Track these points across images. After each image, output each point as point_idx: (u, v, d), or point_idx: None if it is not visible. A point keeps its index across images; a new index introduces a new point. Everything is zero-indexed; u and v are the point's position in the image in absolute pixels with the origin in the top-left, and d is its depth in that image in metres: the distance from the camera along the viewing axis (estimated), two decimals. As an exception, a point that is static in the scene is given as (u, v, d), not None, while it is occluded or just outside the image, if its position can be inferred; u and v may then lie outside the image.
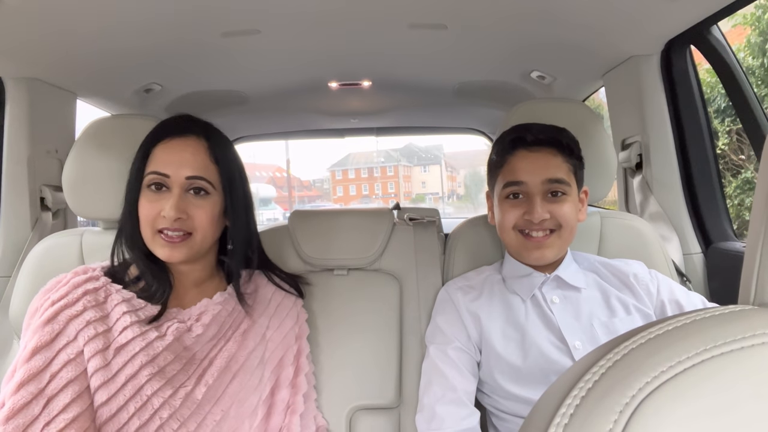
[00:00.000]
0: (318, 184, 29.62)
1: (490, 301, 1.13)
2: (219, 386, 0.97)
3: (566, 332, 1.06)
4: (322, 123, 2.99)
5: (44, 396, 0.84)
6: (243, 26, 1.46)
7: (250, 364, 1.03)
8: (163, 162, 0.99)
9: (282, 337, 1.11)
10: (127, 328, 0.93)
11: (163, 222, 0.96)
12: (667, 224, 1.54)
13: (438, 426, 1.03)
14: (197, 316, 1.02)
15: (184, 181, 0.98)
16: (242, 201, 1.06)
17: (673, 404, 0.31)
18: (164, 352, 0.94)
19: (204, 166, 1.00)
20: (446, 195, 26.15)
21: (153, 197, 0.98)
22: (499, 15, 1.43)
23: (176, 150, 1.00)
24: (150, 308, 0.98)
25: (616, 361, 0.34)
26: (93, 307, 0.93)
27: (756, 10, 3.71)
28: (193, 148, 1.00)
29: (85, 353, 0.89)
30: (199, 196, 1.00)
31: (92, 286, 0.96)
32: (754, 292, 0.40)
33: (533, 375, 1.05)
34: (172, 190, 0.98)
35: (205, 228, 1.00)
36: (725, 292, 1.41)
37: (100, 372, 0.88)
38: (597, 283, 1.13)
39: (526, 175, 1.07)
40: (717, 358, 0.33)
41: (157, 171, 0.98)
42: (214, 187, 1.01)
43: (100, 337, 0.90)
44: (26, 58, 1.43)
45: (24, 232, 1.51)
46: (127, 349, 0.91)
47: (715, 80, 1.64)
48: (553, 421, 0.32)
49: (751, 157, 3.86)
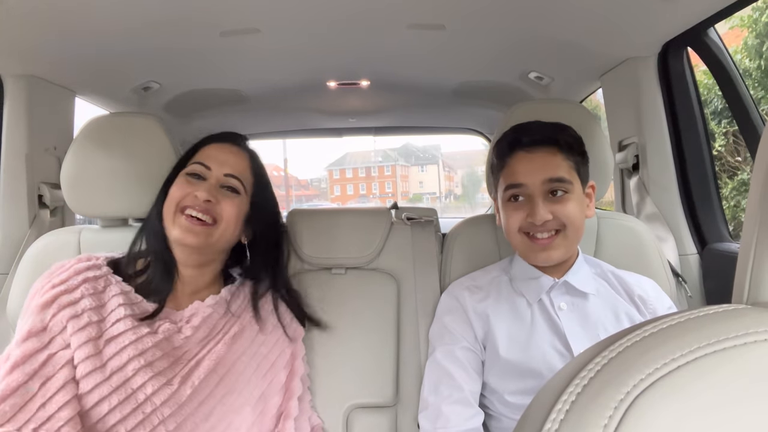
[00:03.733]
0: (315, 183, 29.58)
1: (498, 302, 1.13)
2: (204, 388, 0.97)
3: (572, 339, 1.05)
4: (320, 122, 2.99)
5: (41, 377, 0.86)
6: (242, 25, 1.46)
7: (239, 368, 1.03)
8: (208, 157, 1.08)
9: (275, 341, 1.12)
10: (120, 320, 0.94)
11: (192, 200, 1.02)
12: (663, 225, 1.55)
13: (444, 425, 1.03)
14: (188, 318, 1.03)
15: (222, 177, 1.07)
16: (270, 213, 1.17)
17: (667, 401, 0.31)
18: (153, 348, 0.94)
19: (243, 171, 1.10)
20: (443, 195, 26.14)
21: (187, 183, 1.05)
22: (497, 16, 1.43)
23: (223, 151, 1.10)
24: (146, 304, 1.00)
25: (611, 358, 0.35)
26: (91, 295, 0.95)
27: (753, 12, 3.72)
28: (237, 155, 1.11)
29: (72, 342, 0.90)
30: (230, 193, 1.07)
31: (93, 275, 0.98)
32: (748, 292, 0.40)
33: (532, 378, 1.05)
34: (208, 181, 1.05)
35: (230, 221, 1.05)
36: (720, 293, 1.42)
37: (89, 360, 0.89)
38: (606, 292, 1.11)
39: (525, 176, 1.05)
40: (710, 355, 0.33)
41: (201, 162, 1.07)
42: (245, 191, 1.09)
43: (93, 326, 0.92)
44: (25, 56, 1.43)
45: (22, 230, 1.51)
46: (117, 340, 0.92)
47: (712, 82, 1.65)
48: (549, 417, 0.33)
49: (747, 159, 3.88)
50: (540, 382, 1.04)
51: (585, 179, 1.10)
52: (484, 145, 3.23)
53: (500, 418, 1.10)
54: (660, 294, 1.12)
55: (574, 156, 1.06)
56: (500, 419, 1.10)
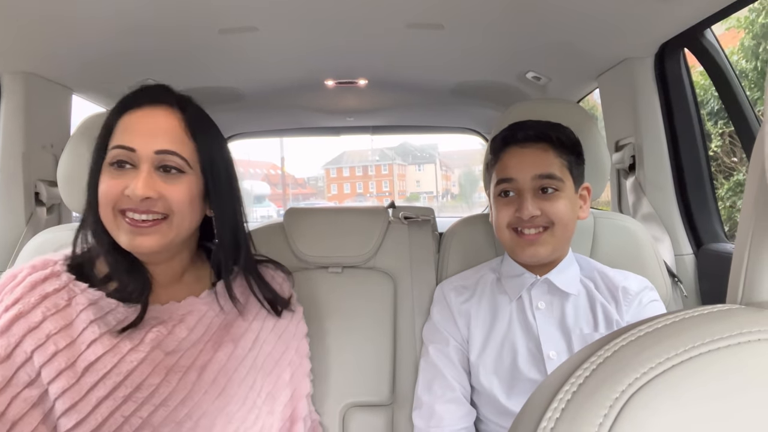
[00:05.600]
0: (312, 181, 29.53)
1: (479, 302, 1.13)
2: (204, 402, 0.85)
3: (544, 341, 1.05)
4: (317, 121, 2.99)
5: (6, 421, 0.72)
6: (241, 23, 1.46)
7: (241, 373, 0.91)
8: (128, 134, 0.82)
9: (277, 337, 1.01)
10: (96, 341, 0.78)
11: (127, 202, 0.80)
12: (659, 225, 1.55)
13: (437, 424, 1.04)
14: (181, 316, 0.88)
15: (153, 156, 0.82)
16: (227, 185, 0.91)
17: (662, 399, 0.32)
18: (141, 365, 0.80)
19: (178, 141, 0.84)
20: (440, 194, 26.14)
21: (115, 174, 0.82)
22: (495, 16, 1.44)
23: (144, 120, 0.84)
24: (122, 310, 0.83)
25: (606, 357, 0.35)
26: (53, 315, 0.78)
27: (750, 13, 3.74)
28: (165, 119, 0.84)
29: (43, 376, 0.75)
30: (170, 175, 0.83)
31: (52, 288, 0.80)
32: (742, 292, 0.41)
33: (504, 379, 1.06)
34: (139, 167, 0.82)
35: (183, 210, 0.84)
36: (716, 293, 1.42)
37: (68, 393, 0.75)
38: (590, 293, 1.09)
39: (515, 171, 1.04)
40: (705, 355, 0.33)
41: (121, 145, 0.82)
42: (190, 166, 0.85)
43: (63, 354, 0.76)
44: (22, 53, 1.43)
45: (18, 227, 1.50)
46: (97, 367, 0.77)
47: (709, 83, 1.65)
48: (545, 415, 0.33)
49: (743, 160, 3.89)
50: (511, 382, 1.05)
51: (579, 180, 1.09)
52: (482, 144, 3.23)
53: (486, 423, 1.11)
54: (645, 290, 1.09)
55: (567, 155, 1.06)
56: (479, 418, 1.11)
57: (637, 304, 1.06)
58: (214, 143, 0.89)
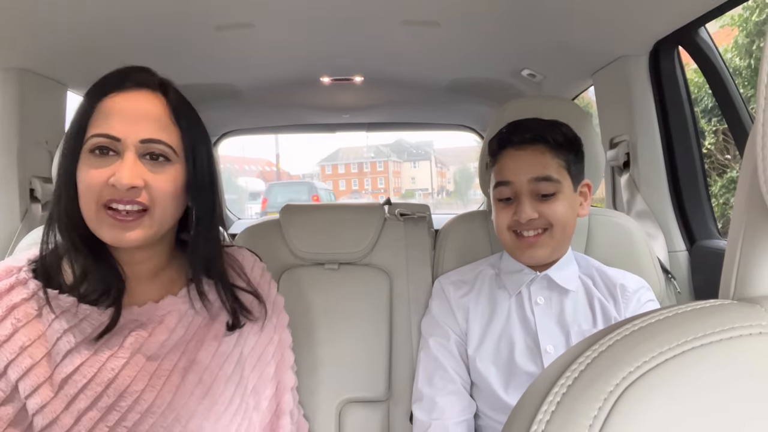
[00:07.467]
0: (308, 178, 29.53)
1: (478, 297, 1.14)
2: (191, 403, 0.81)
3: (542, 335, 1.06)
4: (313, 117, 2.99)
5: None
6: (237, 20, 1.46)
7: (226, 371, 0.87)
8: (110, 120, 0.76)
9: (260, 330, 0.96)
10: (72, 351, 0.74)
11: (113, 192, 0.74)
12: (653, 222, 1.56)
13: (439, 416, 1.05)
14: (160, 317, 0.83)
15: (138, 145, 0.76)
16: (208, 174, 0.85)
17: (655, 392, 0.32)
18: (122, 373, 0.76)
19: (163, 127, 0.79)
20: (435, 191, 26.14)
21: (97, 162, 0.76)
22: (491, 13, 1.44)
23: (128, 105, 0.77)
24: (97, 315, 0.78)
25: (601, 352, 0.36)
26: (24, 326, 0.74)
27: (744, 11, 3.76)
28: (149, 104, 0.79)
29: (21, 390, 0.71)
30: (157, 163, 0.78)
31: (20, 298, 0.75)
32: (734, 287, 0.41)
33: (501, 371, 1.07)
34: (123, 155, 0.76)
35: (166, 202, 0.79)
36: (709, 289, 1.43)
37: (47, 408, 0.72)
38: (588, 290, 1.10)
39: (513, 174, 1.04)
40: (697, 349, 0.34)
41: (103, 133, 0.75)
42: (176, 154, 0.80)
43: (39, 367, 0.72)
44: (17, 49, 1.42)
45: (13, 224, 1.50)
46: (75, 378, 0.73)
47: (703, 80, 1.66)
48: (541, 408, 0.34)
49: (736, 157, 3.92)
50: (510, 374, 1.06)
51: (578, 178, 1.08)
52: (477, 141, 3.24)
53: (482, 418, 1.12)
54: (642, 289, 1.10)
55: (565, 154, 1.05)
56: (483, 418, 1.12)
57: (636, 302, 1.07)
58: (198, 129, 0.85)
